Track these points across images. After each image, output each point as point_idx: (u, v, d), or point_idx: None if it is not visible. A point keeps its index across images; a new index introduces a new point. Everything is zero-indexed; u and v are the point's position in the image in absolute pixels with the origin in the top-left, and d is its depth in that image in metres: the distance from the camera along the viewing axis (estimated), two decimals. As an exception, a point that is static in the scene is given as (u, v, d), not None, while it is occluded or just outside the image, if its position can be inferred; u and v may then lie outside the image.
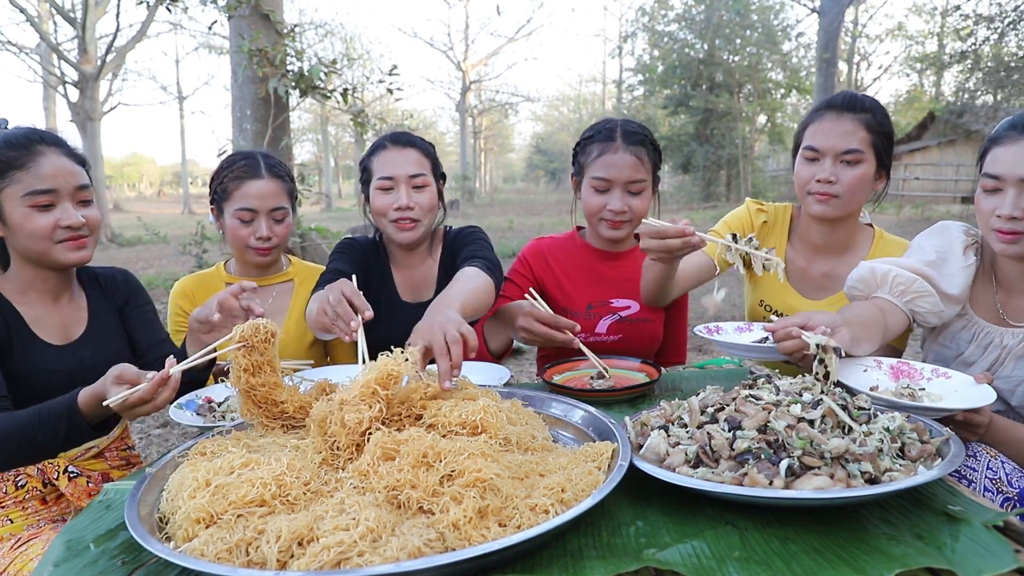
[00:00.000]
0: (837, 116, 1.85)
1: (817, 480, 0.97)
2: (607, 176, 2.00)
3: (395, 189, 1.99)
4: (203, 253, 7.24)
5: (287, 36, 6.20)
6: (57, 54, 16.31)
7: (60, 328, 1.68)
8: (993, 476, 1.36)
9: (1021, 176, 1.49)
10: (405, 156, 2.03)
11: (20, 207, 1.54)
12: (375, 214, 2.06)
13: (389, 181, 1.99)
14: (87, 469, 1.66)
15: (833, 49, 17.22)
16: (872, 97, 1.90)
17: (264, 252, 2.04)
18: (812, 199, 1.89)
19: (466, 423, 1.16)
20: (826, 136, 1.85)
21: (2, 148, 1.54)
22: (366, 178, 2.09)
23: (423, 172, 2.03)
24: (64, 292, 1.71)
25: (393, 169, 2.00)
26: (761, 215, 2.09)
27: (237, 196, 2.00)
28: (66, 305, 1.72)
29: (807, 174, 1.88)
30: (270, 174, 2.03)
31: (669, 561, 0.90)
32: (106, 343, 1.73)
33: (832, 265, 2.01)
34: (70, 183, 1.58)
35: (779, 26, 23.78)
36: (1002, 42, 16.61)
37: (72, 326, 1.71)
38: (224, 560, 0.87)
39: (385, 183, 2.00)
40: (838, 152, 1.83)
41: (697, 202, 23.92)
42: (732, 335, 1.83)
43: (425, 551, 0.86)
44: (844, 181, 1.83)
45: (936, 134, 22.65)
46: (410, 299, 2.16)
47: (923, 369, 1.50)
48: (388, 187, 2.00)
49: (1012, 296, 1.65)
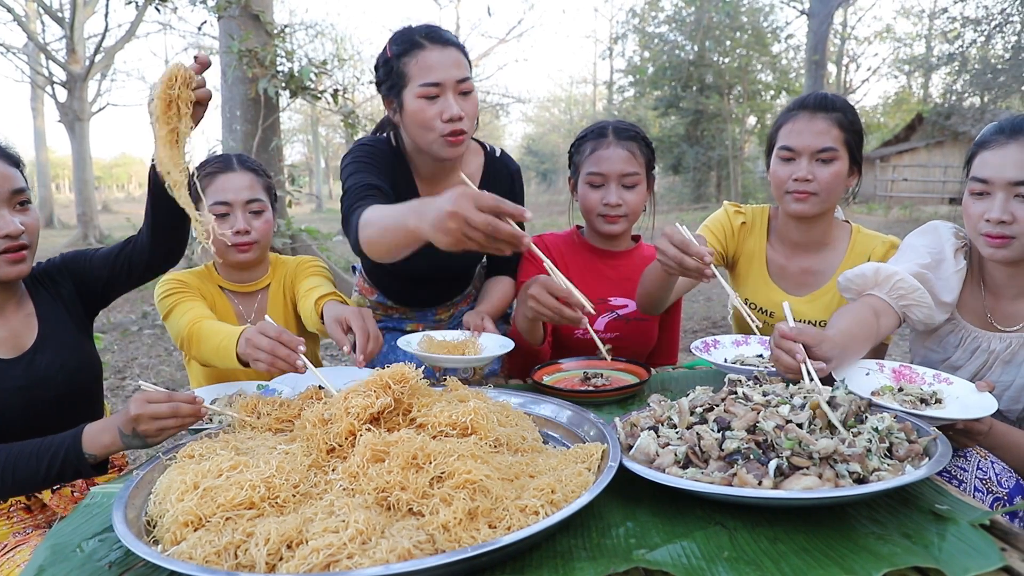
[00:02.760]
0: (810, 116, 1.88)
1: (806, 480, 0.98)
2: (601, 170, 2.02)
3: (442, 96, 1.74)
4: (191, 254, 7.20)
5: (277, 36, 6.18)
6: (45, 54, 16.19)
7: (10, 339, 1.55)
8: (983, 476, 1.37)
9: (1009, 180, 1.50)
10: (448, 56, 1.77)
11: None
12: (417, 125, 1.79)
13: (435, 88, 1.73)
14: None
15: (822, 51, 17.34)
16: (842, 97, 1.94)
17: (244, 248, 1.93)
18: (790, 198, 1.91)
19: (456, 424, 1.16)
20: (800, 136, 1.87)
21: None
22: (395, 82, 1.81)
23: (468, 76, 1.79)
24: (8, 302, 1.57)
25: (440, 73, 1.74)
26: (739, 216, 2.12)
27: (210, 192, 1.91)
28: (12, 314, 1.57)
29: (784, 173, 1.91)
30: (242, 167, 1.95)
31: (659, 561, 0.90)
32: (61, 345, 1.59)
33: (812, 261, 2.04)
34: (4, 188, 1.43)
35: (769, 28, 23.89)
36: (989, 44, 16.77)
37: (22, 335, 1.57)
38: (212, 563, 0.86)
39: (430, 90, 1.73)
40: (813, 151, 1.86)
41: (687, 203, 24.01)
42: (730, 349, 1.86)
43: (415, 553, 0.85)
44: (820, 179, 1.86)
45: (924, 135, 22.82)
46: None
47: (925, 374, 1.51)
48: (434, 94, 1.74)
49: (1000, 301, 1.66)
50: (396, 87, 1.80)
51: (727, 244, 2.12)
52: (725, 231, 2.12)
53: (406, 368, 1.23)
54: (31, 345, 1.57)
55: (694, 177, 25.23)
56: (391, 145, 1.95)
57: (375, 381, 1.19)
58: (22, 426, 1.47)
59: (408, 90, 1.77)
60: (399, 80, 1.79)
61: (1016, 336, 1.60)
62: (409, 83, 1.77)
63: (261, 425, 1.30)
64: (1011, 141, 1.51)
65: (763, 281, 2.08)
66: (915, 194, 21.31)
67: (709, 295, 7.94)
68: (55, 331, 1.62)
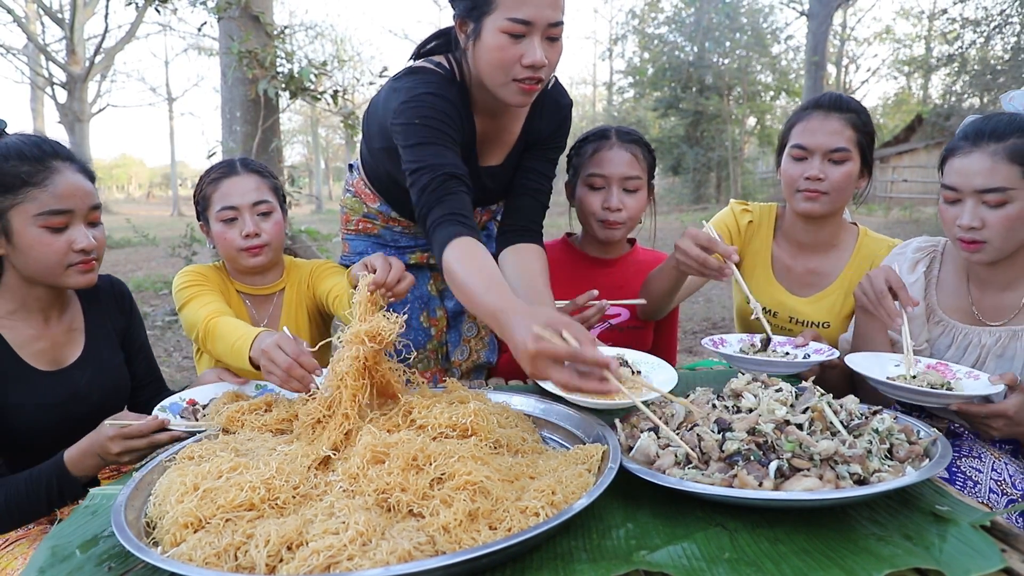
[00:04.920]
0: (824, 115, 1.88)
1: (806, 481, 0.98)
2: (602, 172, 2.01)
3: (529, 37, 1.54)
4: (192, 255, 7.20)
5: (277, 37, 6.18)
6: (45, 55, 16.21)
7: (49, 352, 1.56)
8: (998, 478, 1.38)
9: (976, 188, 1.52)
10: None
11: (32, 227, 1.43)
12: (491, 63, 1.58)
13: (523, 26, 1.52)
14: None
15: (822, 52, 17.35)
16: (856, 99, 1.94)
17: (255, 251, 1.89)
18: (800, 196, 1.91)
19: (456, 425, 1.16)
20: (814, 135, 1.87)
21: (15, 161, 1.43)
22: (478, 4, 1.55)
23: (562, 20, 1.59)
24: (57, 310, 1.60)
25: (533, 10, 1.52)
26: (746, 215, 2.12)
27: (216, 199, 1.89)
28: (56, 324, 1.60)
29: (796, 172, 1.90)
30: (246, 169, 1.92)
31: (659, 563, 0.90)
32: (102, 365, 1.61)
33: (818, 262, 2.04)
34: (85, 203, 1.49)
35: (768, 29, 23.89)
36: (988, 46, 16.80)
37: (64, 348, 1.60)
38: (212, 565, 0.86)
39: (517, 27, 1.52)
40: (826, 150, 1.86)
41: (687, 204, 24.00)
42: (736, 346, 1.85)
43: (415, 554, 0.85)
44: (832, 179, 1.86)
45: (923, 136, 22.82)
46: (483, 162, 1.87)
47: (957, 371, 1.54)
48: (520, 32, 1.53)
49: (986, 294, 1.67)
50: (478, 10, 1.56)
51: (733, 243, 2.11)
52: (731, 230, 2.11)
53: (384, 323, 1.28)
54: (72, 361, 1.59)
55: (694, 178, 25.22)
56: (451, 77, 1.70)
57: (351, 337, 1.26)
58: (51, 440, 1.48)
59: (491, 19, 1.53)
60: (483, 4, 1.54)
61: (1005, 329, 1.62)
62: (495, 11, 1.53)
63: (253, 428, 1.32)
64: (975, 149, 1.53)
65: (767, 280, 2.07)
66: (915, 195, 21.30)
67: (709, 296, 7.94)
68: (99, 350, 1.65)
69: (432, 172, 1.55)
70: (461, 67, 1.71)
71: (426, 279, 2.14)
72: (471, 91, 1.73)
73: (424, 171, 1.56)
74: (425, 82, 1.66)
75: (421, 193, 1.56)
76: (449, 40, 1.76)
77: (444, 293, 2.17)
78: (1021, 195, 1.49)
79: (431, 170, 1.56)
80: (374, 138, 1.86)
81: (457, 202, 1.54)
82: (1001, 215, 1.50)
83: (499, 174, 1.90)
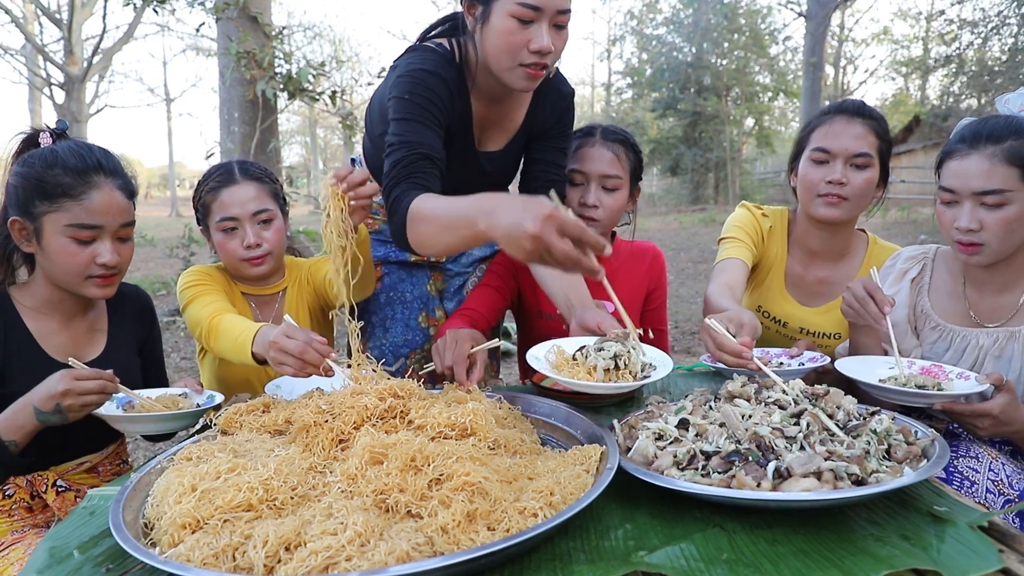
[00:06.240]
0: (848, 120, 1.86)
1: (804, 482, 0.98)
2: (581, 168, 1.98)
3: (537, 23, 1.56)
4: (191, 256, 7.19)
5: (275, 38, 6.17)
6: (43, 55, 16.16)
7: (69, 346, 1.61)
8: (995, 478, 1.38)
9: (974, 190, 1.52)
10: None
11: (60, 236, 1.48)
12: (499, 47, 1.59)
13: (533, 12, 1.54)
14: (77, 483, 1.62)
15: (820, 53, 17.34)
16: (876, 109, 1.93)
17: (257, 261, 1.88)
18: (821, 201, 1.88)
19: (455, 425, 1.16)
20: (837, 138, 1.85)
21: (59, 171, 1.48)
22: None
23: (571, 8, 1.60)
24: (78, 311, 1.65)
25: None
26: (766, 220, 2.07)
27: (216, 208, 1.87)
28: (80, 322, 1.65)
29: (816, 176, 1.87)
30: (245, 177, 1.89)
31: (658, 564, 0.90)
32: (120, 369, 1.55)
33: (828, 271, 2.01)
34: (117, 220, 1.53)
35: (766, 30, 23.91)
36: (986, 46, 16.84)
37: (85, 346, 1.64)
38: (210, 566, 0.86)
39: (526, 12, 1.54)
40: (850, 155, 1.83)
41: (685, 205, 24.01)
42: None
43: (413, 555, 0.85)
44: (853, 184, 1.84)
45: (922, 137, 22.83)
46: (482, 147, 1.88)
47: (950, 371, 1.55)
48: (529, 18, 1.55)
49: (983, 296, 1.67)
50: None
51: (757, 248, 2.05)
52: (757, 233, 2.05)
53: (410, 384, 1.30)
54: (92, 359, 1.63)
55: (692, 179, 25.24)
56: (451, 57, 1.71)
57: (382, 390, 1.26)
58: (61, 431, 1.47)
59: (501, 3, 1.55)
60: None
61: (1002, 331, 1.62)
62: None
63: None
64: (973, 151, 1.53)
65: (779, 290, 2.04)
66: (913, 196, 21.32)
67: (707, 297, 7.91)
68: (118, 352, 1.70)
69: (408, 148, 1.58)
70: (464, 49, 1.72)
71: (426, 279, 2.14)
72: (474, 75, 1.74)
73: (401, 146, 1.59)
74: (422, 59, 1.69)
75: (393, 167, 1.58)
76: (456, 25, 1.79)
77: (444, 293, 2.18)
78: (1019, 197, 1.49)
79: (408, 147, 1.58)
80: (376, 124, 1.87)
81: (425, 179, 1.55)
82: (999, 217, 1.50)
83: (498, 160, 1.92)
